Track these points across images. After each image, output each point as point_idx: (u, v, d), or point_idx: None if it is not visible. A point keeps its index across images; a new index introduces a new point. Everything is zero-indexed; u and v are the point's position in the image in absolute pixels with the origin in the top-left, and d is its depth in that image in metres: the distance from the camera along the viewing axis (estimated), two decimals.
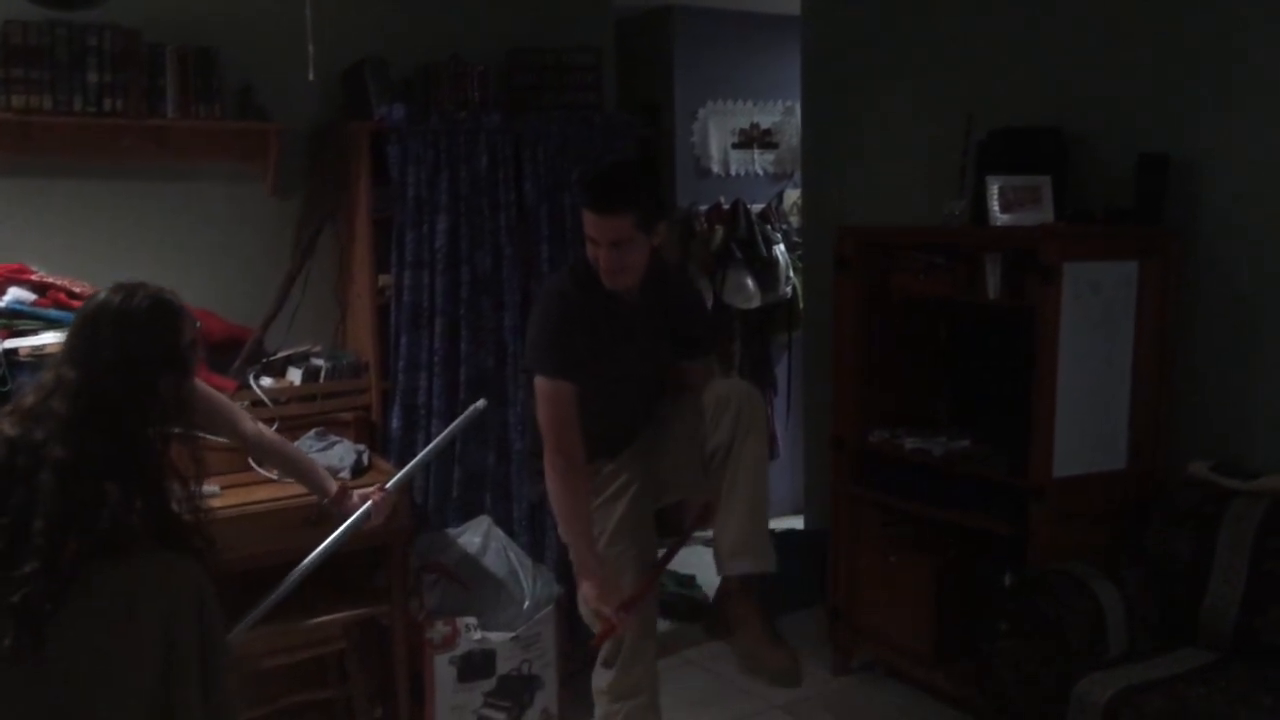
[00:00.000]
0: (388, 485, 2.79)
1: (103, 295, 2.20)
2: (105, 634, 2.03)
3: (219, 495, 2.97)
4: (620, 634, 2.52)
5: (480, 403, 2.94)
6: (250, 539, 2.85)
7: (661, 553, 2.73)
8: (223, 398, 2.65)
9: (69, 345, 2.18)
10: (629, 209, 2.39)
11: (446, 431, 2.95)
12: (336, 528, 2.67)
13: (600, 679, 2.65)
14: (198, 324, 2.33)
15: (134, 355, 2.13)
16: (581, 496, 2.50)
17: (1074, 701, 2.64)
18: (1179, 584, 2.90)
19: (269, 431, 2.71)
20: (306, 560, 2.60)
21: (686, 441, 2.56)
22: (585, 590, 2.47)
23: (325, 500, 2.72)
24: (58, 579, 1.97)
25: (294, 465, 2.73)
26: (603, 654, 2.64)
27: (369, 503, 2.71)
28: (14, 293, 3.07)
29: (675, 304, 2.66)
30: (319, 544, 2.64)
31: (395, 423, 3.57)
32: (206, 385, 2.58)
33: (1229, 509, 2.87)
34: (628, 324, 2.56)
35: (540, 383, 2.49)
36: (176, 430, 2.26)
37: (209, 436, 2.54)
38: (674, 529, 2.86)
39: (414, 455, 3.58)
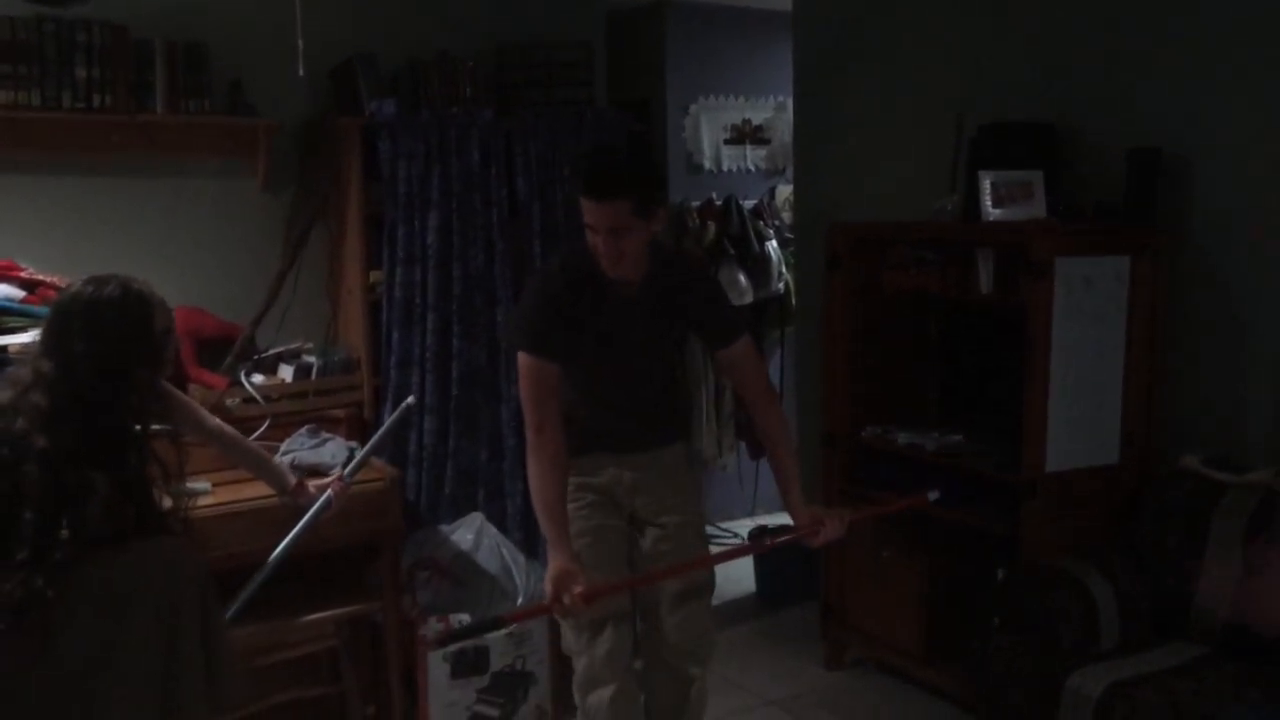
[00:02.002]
0: (344, 474, 2.82)
1: (74, 287, 2.21)
2: (109, 624, 2.03)
3: (210, 492, 2.96)
4: (562, 614, 2.43)
5: (410, 399, 3.12)
6: (240, 536, 2.84)
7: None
8: (181, 394, 2.65)
9: (43, 339, 2.19)
10: (625, 195, 2.36)
11: (385, 426, 3.02)
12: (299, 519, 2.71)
13: (575, 673, 2.68)
14: (171, 312, 2.32)
15: (106, 343, 2.14)
16: (555, 470, 2.44)
17: (1066, 695, 2.64)
18: (1171, 578, 2.90)
19: (228, 428, 2.73)
20: (275, 552, 2.62)
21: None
22: (551, 568, 2.39)
23: (285, 494, 2.74)
24: (52, 568, 1.97)
25: (253, 460, 2.74)
26: (564, 646, 2.66)
27: (328, 492, 2.73)
28: (2, 290, 3.05)
29: (689, 296, 2.61)
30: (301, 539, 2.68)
31: (387, 419, 3.56)
32: (165, 382, 2.58)
33: (1220, 503, 2.87)
34: (621, 314, 2.53)
35: (520, 358, 2.50)
36: (156, 426, 2.26)
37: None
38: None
39: (406, 452, 3.60)
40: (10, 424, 2.06)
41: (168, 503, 2.26)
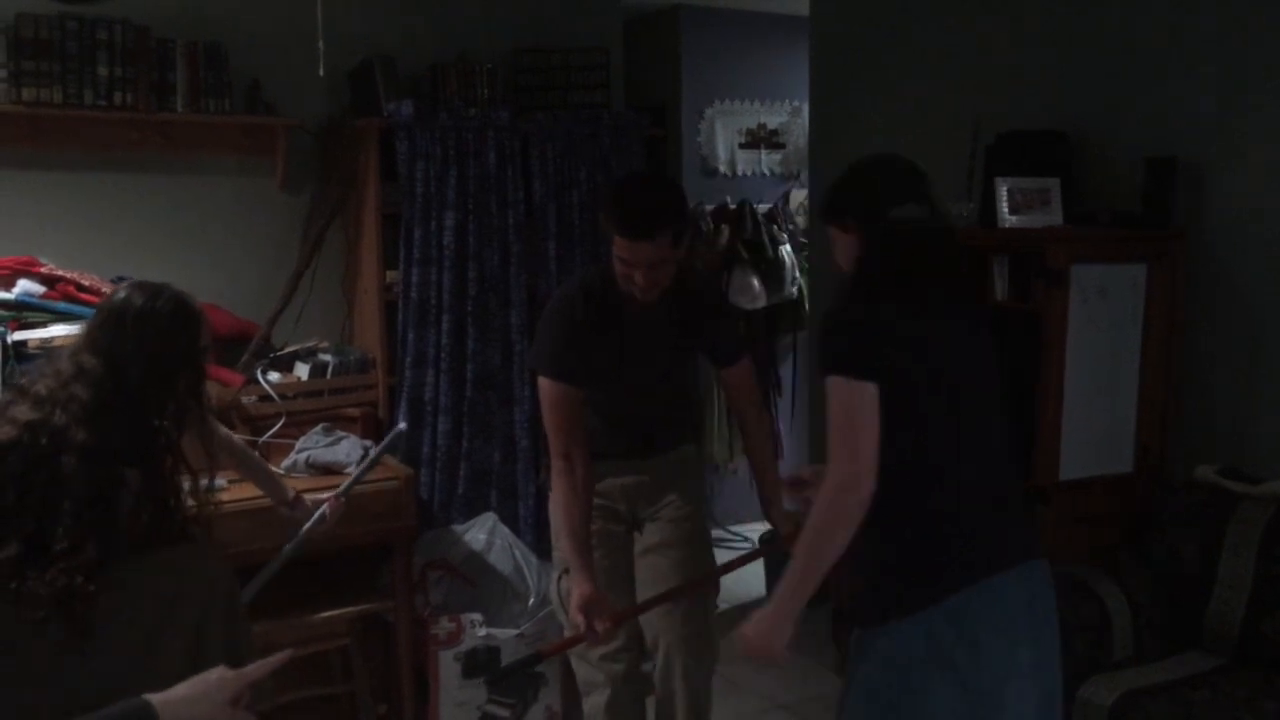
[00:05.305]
0: (339, 492, 2.83)
1: (126, 294, 2.22)
2: (147, 628, 2.04)
3: (226, 489, 2.98)
4: (595, 642, 2.48)
5: (401, 425, 3.15)
6: (256, 533, 2.86)
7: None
8: None
9: (91, 336, 2.20)
10: (664, 231, 2.36)
11: (375, 452, 2.98)
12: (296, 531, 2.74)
13: (577, 676, 2.69)
14: (212, 329, 2.37)
15: (156, 353, 2.17)
16: (582, 496, 2.49)
17: (1079, 704, 2.64)
18: (1185, 588, 2.89)
19: (235, 437, 2.77)
20: (270, 564, 2.64)
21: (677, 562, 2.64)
22: (576, 596, 2.43)
23: (284, 506, 2.76)
24: (89, 563, 1.99)
25: (256, 470, 2.77)
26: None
27: (323, 507, 2.76)
28: (23, 285, 3.08)
29: (705, 316, 2.63)
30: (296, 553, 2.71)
31: (401, 419, 3.58)
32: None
33: (1235, 513, 2.86)
34: (643, 334, 2.55)
35: (542, 383, 2.52)
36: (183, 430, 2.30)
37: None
38: None
39: (420, 453, 3.61)
40: (49, 415, 2.08)
41: (194, 506, 2.29)
